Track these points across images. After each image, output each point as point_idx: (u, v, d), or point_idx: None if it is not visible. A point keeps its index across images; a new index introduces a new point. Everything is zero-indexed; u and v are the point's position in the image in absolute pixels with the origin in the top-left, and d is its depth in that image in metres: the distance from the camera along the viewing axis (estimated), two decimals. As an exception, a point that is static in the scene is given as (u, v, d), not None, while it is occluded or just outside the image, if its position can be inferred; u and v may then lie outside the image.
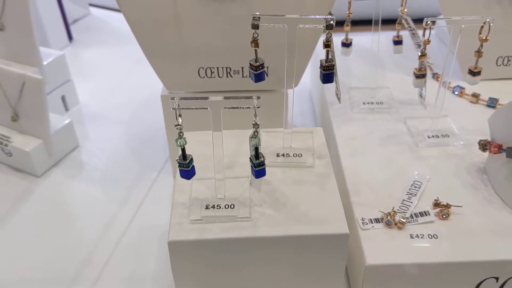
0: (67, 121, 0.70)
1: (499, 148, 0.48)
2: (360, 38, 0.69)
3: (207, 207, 0.44)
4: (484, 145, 0.50)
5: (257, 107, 0.40)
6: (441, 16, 0.67)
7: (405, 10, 0.56)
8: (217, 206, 0.44)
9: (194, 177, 0.43)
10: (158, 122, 0.72)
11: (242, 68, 0.56)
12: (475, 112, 0.62)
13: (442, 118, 0.58)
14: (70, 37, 1.01)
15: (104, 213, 0.61)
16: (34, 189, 0.65)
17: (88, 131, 0.76)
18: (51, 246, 0.57)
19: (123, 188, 0.65)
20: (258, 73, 0.43)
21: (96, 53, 0.98)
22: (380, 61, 0.70)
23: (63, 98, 0.79)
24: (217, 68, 0.56)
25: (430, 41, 0.50)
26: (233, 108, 0.41)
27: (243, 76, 0.56)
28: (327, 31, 0.42)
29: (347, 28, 0.58)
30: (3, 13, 0.71)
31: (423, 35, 0.50)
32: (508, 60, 0.65)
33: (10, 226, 0.60)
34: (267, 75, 0.56)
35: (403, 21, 0.56)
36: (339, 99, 0.46)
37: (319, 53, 0.59)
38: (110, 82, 0.89)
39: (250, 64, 0.42)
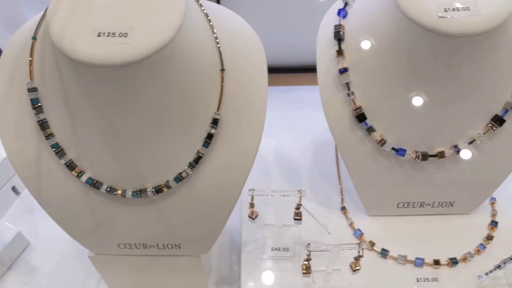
0: (15, 233, 0.78)
1: None
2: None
3: None
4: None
5: None
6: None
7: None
8: None
9: None
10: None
11: (157, 244, 0.63)
12: (366, 263, 0.67)
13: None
14: None
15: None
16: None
17: (37, 223, 0.84)
18: None
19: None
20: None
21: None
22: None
23: (13, 188, 0.86)
24: (135, 244, 0.63)
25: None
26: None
27: (158, 248, 0.64)
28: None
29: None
30: None
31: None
32: (408, 204, 0.72)
33: None
34: (179, 247, 0.64)
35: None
36: None
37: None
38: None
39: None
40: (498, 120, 0.62)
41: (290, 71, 0.93)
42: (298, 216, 0.64)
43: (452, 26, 0.54)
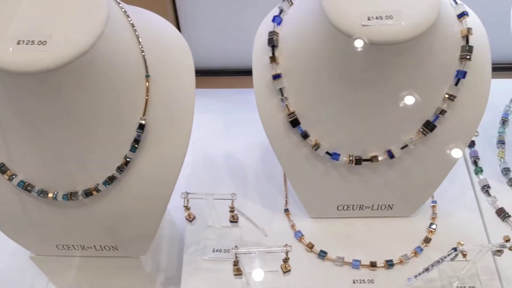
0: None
1: None
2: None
3: None
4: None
5: None
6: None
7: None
8: None
9: None
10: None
11: (94, 245, 0.65)
12: (305, 264, 0.71)
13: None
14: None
15: None
16: None
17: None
18: None
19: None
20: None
21: None
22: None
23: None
24: (73, 245, 0.65)
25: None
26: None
27: (96, 249, 0.65)
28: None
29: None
30: None
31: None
32: (348, 207, 0.73)
33: None
34: (117, 249, 0.65)
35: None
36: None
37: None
38: None
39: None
40: (429, 126, 0.64)
41: (243, 74, 0.94)
42: (233, 219, 0.65)
43: (374, 34, 0.55)
